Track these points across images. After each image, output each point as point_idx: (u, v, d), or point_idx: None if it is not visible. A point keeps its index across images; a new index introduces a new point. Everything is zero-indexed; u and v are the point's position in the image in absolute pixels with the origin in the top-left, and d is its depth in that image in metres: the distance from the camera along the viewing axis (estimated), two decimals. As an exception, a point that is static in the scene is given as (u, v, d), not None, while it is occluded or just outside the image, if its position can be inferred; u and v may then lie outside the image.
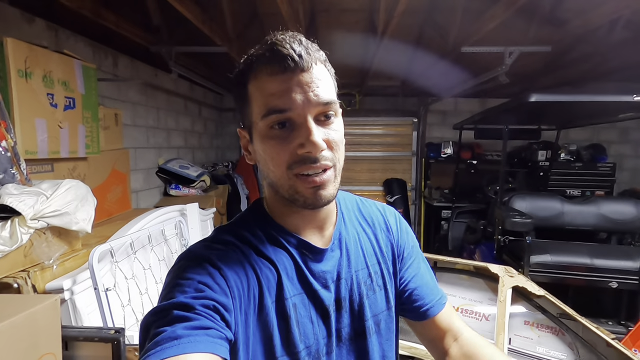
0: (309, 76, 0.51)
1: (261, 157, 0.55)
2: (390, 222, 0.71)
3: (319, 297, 0.58)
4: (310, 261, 0.59)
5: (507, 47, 2.46)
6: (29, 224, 1.11)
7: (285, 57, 0.49)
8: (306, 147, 0.50)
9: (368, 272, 0.64)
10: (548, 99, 1.99)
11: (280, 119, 0.51)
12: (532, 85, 3.78)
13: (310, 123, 0.51)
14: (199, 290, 0.47)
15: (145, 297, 1.42)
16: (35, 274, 1.15)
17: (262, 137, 0.53)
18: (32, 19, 1.91)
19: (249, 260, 0.55)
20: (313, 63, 0.52)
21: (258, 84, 0.52)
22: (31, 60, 1.38)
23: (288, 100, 0.50)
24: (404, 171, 5.00)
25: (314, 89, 0.51)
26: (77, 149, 1.64)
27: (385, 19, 2.34)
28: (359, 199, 0.73)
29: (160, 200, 3.18)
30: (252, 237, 0.58)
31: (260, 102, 0.52)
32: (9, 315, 0.87)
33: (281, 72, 0.50)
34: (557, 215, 2.49)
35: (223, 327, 0.46)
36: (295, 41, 0.51)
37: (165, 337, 0.42)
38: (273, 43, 0.51)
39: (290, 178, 0.52)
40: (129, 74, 2.76)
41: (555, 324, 1.65)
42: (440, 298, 0.70)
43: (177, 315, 0.44)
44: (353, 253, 0.63)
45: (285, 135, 0.52)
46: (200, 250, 0.54)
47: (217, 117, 4.85)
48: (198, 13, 2.08)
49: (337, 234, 0.63)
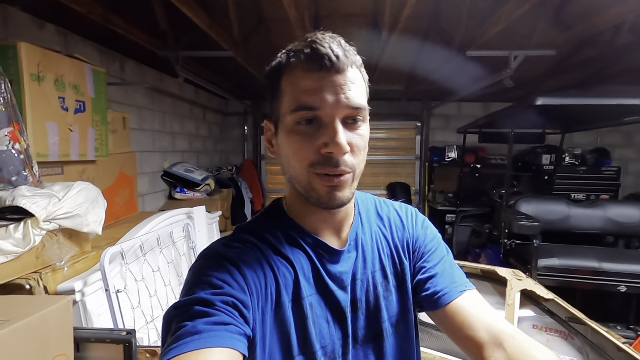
0: (343, 78, 0.51)
1: (284, 151, 0.55)
2: (404, 219, 0.70)
3: (335, 298, 0.58)
4: (327, 262, 0.59)
5: (512, 52, 2.47)
6: (41, 225, 1.12)
7: (323, 56, 0.50)
8: (330, 148, 0.51)
9: (384, 273, 0.63)
10: (554, 103, 1.99)
11: (308, 115, 0.51)
12: (536, 89, 3.78)
13: (337, 124, 0.51)
14: (218, 287, 0.48)
15: (154, 299, 1.42)
16: (47, 276, 1.16)
17: (287, 131, 0.53)
18: (43, 24, 1.94)
19: (267, 259, 0.55)
20: (349, 66, 0.52)
21: (292, 79, 0.53)
22: (44, 64, 1.40)
23: (319, 99, 0.50)
24: (408, 175, 4.99)
25: (346, 91, 0.51)
26: (86, 152, 1.65)
27: (390, 23, 2.35)
28: (378, 200, 0.73)
29: (165, 204, 3.19)
30: (271, 236, 0.58)
31: (291, 97, 0.52)
32: (23, 317, 0.87)
33: (317, 70, 0.50)
34: (564, 219, 2.48)
35: (242, 324, 0.47)
36: (335, 42, 0.52)
37: (186, 332, 0.43)
38: (313, 41, 0.51)
39: (310, 175, 0.53)
40: (135, 79, 2.79)
41: (565, 328, 1.63)
42: (459, 285, 0.60)
43: (198, 311, 0.45)
44: (369, 254, 0.63)
45: (311, 133, 0.52)
46: (220, 249, 0.55)
47: (222, 122, 4.88)
48: (205, 18, 2.10)
49: (353, 235, 0.63)
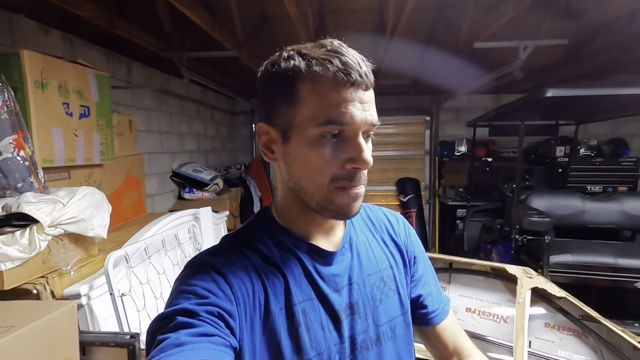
0: (368, 95, 0.52)
1: (298, 161, 0.53)
2: (397, 228, 0.72)
3: (329, 302, 0.57)
4: (320, 265, 0.58)
5: (521, 42, 2.40)
6: (46, 231, 1.14)
7: (354, 72, 0.50)
8: (357, 163, 0.51)
9: (380, 276, 0.63)
10: (565, 94, 1.93)
11: (336, 130, 0.51)
12: (548, 79, 3.67)
13: (361, 139, 0.52)
14: (203, 297, 0.48)
15: (160, 301, 1.43)
16: (54, 280, 1.18)
17: (310, 142, 0.51)
18: (48, 30, 1.97)
19: (255, 266, 0.54)
20: (372, 84, 0.53)
21: (317, 90, 0.50)
22: (47, 71, 1.41)
23: (348, 115, 0.50)
24: (417, 170, 4.94)
25: (369, 108, 0.52)
26: (92, 156, 1.67)
27: (394, 17, 2.31)
28: (367, 205, 0.74)
29: (174, 204, 3.23)
30: (259, 243, 0.57)
31: (317, 109, 0.50)
32: (29, 321, 0.89)
33: (349, 85, 0.50)
34: (578, 213, 2.41)
35: (227, 335, 0.46)
36: (360, 58, 0.52)
37: (169, 344, 0.42)
38: (338, 52, 0.51)
39: (330, 190, 0.53)
40: (142, 81, 2.82)
41: (578, 326, 1.59)
42: (445, 305, 0.72)
43: (181, 322, 0.45)
44: (364, 257, 0.63)
45: (336, 147, 0.52)
46: (205, 258, 0.55)
47: (229, 121, 4.90)
48: (207, 18, 2.10)
49: (347, 237, 0.63)
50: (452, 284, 1.87)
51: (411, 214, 4.58)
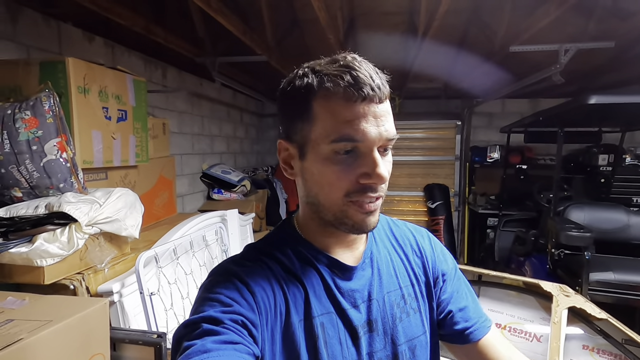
0: (382, 109, 0.51)
1: (313, 177, 0.54)
2: (422, 244, 0.69)
3: (347, 317, 0.56)
4: (339, 279, 0.58)
5: (562, 45, 2.27)
6: (84, 229, 1.20)
7: (365, 85, 0.49)
8: (372, 179, 0.51)
9: (401, 293, 0.62)
10: (610, 101, 1.80)
11: (349, 147, 0.51)
12: (591, 84, 3.46)
13: (376, 154, 0.51)
14: (227, 305, 0.49)
15: (186, 301, 1.47)
16: (89, 277, 1.24)
17: (324, 159, 0.52)
18: (92, 37, 2.09)
19: (277, 277, 0.55)
20: (387, 97, 0.52)
21: (329, 106, 0.51)
22: (89, 77, 1.50)
23: (361, 131, 0.50)
24: (447, 176, 4.79)
25: (384, 123, 0.51)
26: (128, 158, 1.75)
27: (426, 20, 2.26)
28: (390, 220, 0.72)
29: (204, 204, 3.32)
30: (281, 254, 0.58)
31: (329, 125, 0.51)
32: (64, 317, 0.94)
33: (360, 100, 0.50)
34: (622, 228, 2.24)
35: (251, 343, 0.47)
36: (373, 70, 0.51)
37: (195, 351, 0.43)
38: (350, 67, 0.50)
39: (345, 204, 0.53)
40: (176, 85, 2.92)
41: (620, 351, 1.48)
42: (485, 321, 0.66)
43: (207, 329, 0.46)
44: (385, 273, 0.62)
45: (350, 162, 0.52)
46: (229, 266, 0.56)
47: (258, 123, 4.99)
48: (239, 24, 2.14)
49: (368, 252, 0.62)
50: (481, 297, 1.79)
51: (439, 221, 4.45)
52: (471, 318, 0.65)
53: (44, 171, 1.25)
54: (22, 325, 0.88)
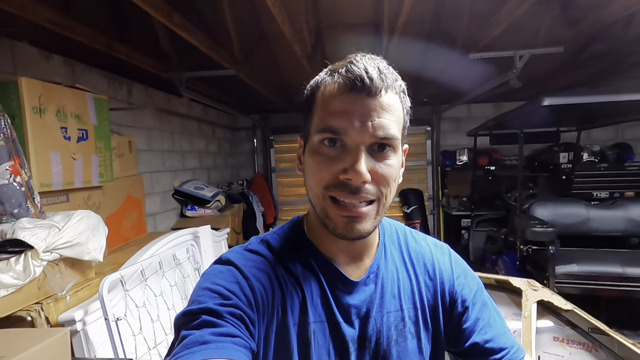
0: (374, 103, 0.49)
1: (306, 170, 0.54)
2: (440, 265, 0.63)
3: (340, 331, 0.54)
4: (339, 292, 0.56)
5: (517, 51, 2.40)
6: (41, 256, 1.14)
7: (356, 77, 0.48)
8: (348, 174, 0.48)
9: (402, 315, 0.58)
10: (561, 102, 1.91)
11: (330, 137, 0.50)
12: (547, 87, 3.66)
13: (361, 151, 0.49)
14: (227, 298, 0.49)
15: (157, 324, 1.42)
16: (49, 306, 1.17)
17: (311, 150, 0.52)
18: (50, 56, 2.01)
19: (278, 277, 0.55)
20: (383, 90, 0.49)
21: (324, 98, 0.51)
22: (45, 96, 1.44)
23: (346, 123, 0.48)
24: (420, 181, 4.91)
25: (375, 118, 0.48)
26: (90, 178, 1.69)
27: (390, 29, 2.33)
28: (410, 232, 0.67)
29: (177, 222, 3.23)
30: (286, 255, 0.57)
31: (320, 116, 0.51)
32: (19, 351, 0.88)
33: (347, 91, 0.49)
34: (583, 221, 2.36)
35: (248, 337, 0.47)
36: (372, 63, 0.50)
37: (193, 341, 0.44)
38: (350, 61, 0.50)
39: (325, 199, 0.51)
40: (143, 101, 2.86)
41: (588, 339, 1.54)
42: (517, 351, 0.59)
43: (206, 320, 0.46)
44: (388, 291, 0.58)
45: (334, 155, 0.50)
46: (233, 258, 0.55)
47: (231, 137, 4.94)
48: (204, 39, 2.13)
49: (374, 267, 0.59)
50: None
51: (415, 226, 4.53)
52: (500, 350, 0.58)
53: (-4, 197, 1.18)
54: (-30, 364, 0.82)
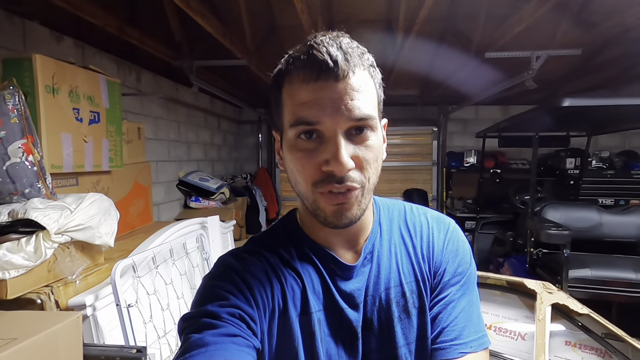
0: (343, 86, 0.46)
1: (288, 166, 0.53)
2: (434, 236, 0.60)
3: (345, 317, 0.54)
4: (339, 278, 0.55)
5: (534, 52, 2.37)
6: (53, 238, 1.10)
7: (319, 63, 0.45)
8: (331, 165, 0.46)
9: (402, 290, 0.56)
10: (583, 104, 1.89)
11: (306, 129, 0.48)
12: (558, 90, 3.65)
13: (339, 139, 0.46)
14: (225, 299, 0.49)
15: (167, 313, 1.38)
16: (59, 290, 1.14)
17: (289, 146, 0.50)
18: (61, 37, 1.97)
19: (275, 271, 0.54)
20: (351, 71, 0.46)
21: (290, 90, 0.49)
22: (58, 75, 1.40)
23: (318, 112, 0.46)
24: (425, 181, 4.89)
25: (347, 101, 0.46)
26: (101, 162, 1.65)
27: (404, 27, 2.30)
28: (410, 207, 0.64)
29: (180, 212, 3.20)
30: (282, 248, 0.57)
31: (290, 109, 0.49)
32: (31, 334, 0.84)
33: (313, 79, 0.46)
34: (595, 226, 2.34)
35: (250, 336, 0.47)
36: (335, 44, 0.46)
37: (194, 344, 0.44)
38: (310, 45, 0.47)
39: (314, 194, 0.50)
40: (151, 89, 2.82)
41: (601, 345, 1.52)
42: (461, 345, 0.54)
43: (205, 323, 0.46)
44: (384, 267, 0.57)
45: (312, 148, 0.48)
46: (229, 260, 0.55)
47: (236, 130, 4.90)
48: (218, 26, 2.10)
49: (369, 246, 0.57)
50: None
51: (419, 226, 4.51)
52: (444, 334, 0.55)
53: (7, 175, 1.14)
54: (-19, 345, 0.79)
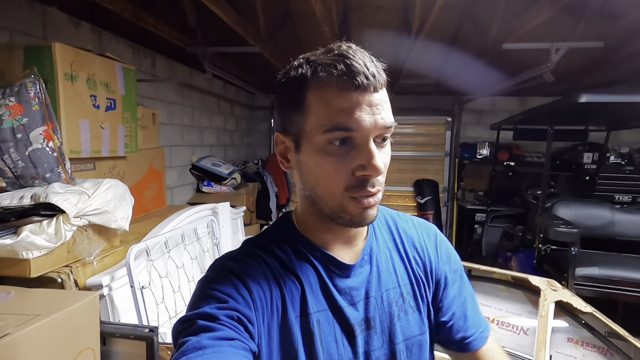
0: (378, 97, 0.50)
1: (309, 170, 0.53)
2: (426, 243, 0.67)
3: (344, 315, 0.56)
4: (337, 277, 0.57)
5: (553, 43, 2.30)
6: (72, 221, 1.16)
7: (359, 74, 0.48)
8: (367, 171, 0.49)
9: (400, 291, 0.60)
10: (600, 100, 1.83)
11: (343, 136, 0.49)
12: (578, 83, 3.53)
13: (372, 145, 0.50)
14: (222, 301, 0.49)
15: (177, 295, 1.45)
16: (77, 270, 1.21)
17: (318, 150, 0.51)
18: (79, 22, 2.01)
19: (274, 272, 0.55)
20: (383, 85, 0.51)
21: (323, 96, 0.50)
22: (77, 63, 1.44)
23: (355, 120, 0.48)
24: (436, 172, 4.85)
25: (381, 111, 0.50)
26: (117, 148, 1.70)
27: (421, 16, 2.25)
28: (396, 214, 0.70)
29: (193, 196, 3.27)
30: (279, 250, 0.57)
31: (323, 115, 0.49)
32: (52, 312, 0.90)
33: (353, 89, 0.48)
34: (607, 224, 2.30)
35: (247, 339, 0.47)
36: (368, 59, 0.50)
37: (190, 347, 0.44)
38: (343, 55, 0.49)
39: (344, 198, 0.51)
40: (166, 74, 2.85)
41: (604, 343, 1.53)
42: (484, 331, 0.66)
43: (202, 325, 0.46)
44: (384, 270, 0.61)
45: (344, 153, 0.50)
46: (225, 262, 0.56)
47: (249, 115, 4.93)
48: (232, 14, 2.10)
49: (367, 248, 0.61)
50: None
51: (428, 217, 4.50)
52: (471, 327, 0.65)
53: (30, 160, 1.20)
54: (8, 320, 0.85)
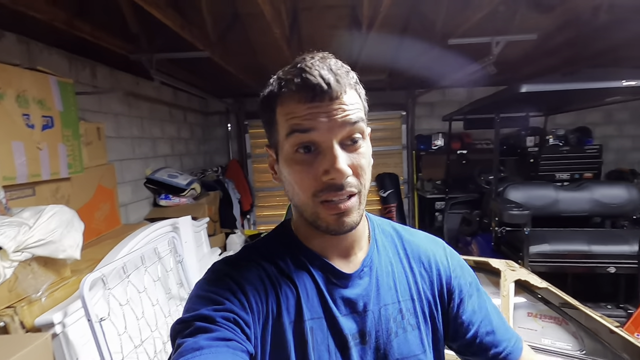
0: (337, 104, 0.50)
1: (286, 179, 0.55)
2: (436, 258, 0.64)
3: (338, 325, 0.55)
4: (334, 286, 0.57)
5: (493, 37, 2.44)
6: (11, 257, 1.05)
7: (314, 87, 0.49)
8: (331, 174, 0.50)
9: (399, 307, 0.59)
10: (538, 89, 1.98)
11: (303, 139, 0.50)
12: (518, 73, 3.79)
13: (336, 148, 0.50)
14: (219, 303, 0.50)
15: (142, 321, 1.36)
16: (23, 309, 1.09)
17: (287, 160, 0.53)
18: (2, 33, 1.81)
19: (270, 277, 0.55)
20: (342, 92, 0.50)
21: (285, 110, 0.52)
22: (2, 80, 1.30)
23: (313, 122, 0.49)
24: (396, 165, 4.99)
25: (340, 114, 0.50)
26: (58, 169, 1.56)
27: (369, 13, 2.29)
28: (403, 228, 0.68)
29: (150, 211, 3.10)
30: (277, 256, 0.58)
31: (285, 125, 0.52)
32: (-3, 362, 0.81)
33: (309, 100, 0.50)
34: (552, 203, 2.50)
35: (244, 340, 0.48)
36: (325, 67, 0.50)
37: (188, 348, 0.44)
38: (302, 69, 0.50)
39: (315, 205, 0.52)
40: (109, 85, 2.66)
41: (558, 314, 1.65)
42: (516, 341, 0.63)
43: (199, 327, 0.47)
44: (384, 284, 0.59)
45: (310, 161, 0.51)
46: (223, 266, 0.57)
47: (203, 122, 4.76)
48: (176, 18, 2.00)
49: (367, 260, 0.60)
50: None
51: (391, 209, 4.63)
52: (502, 342, 0.61)
53: (-47, 193, 1.07)
54: (-59, 380, 0.75)
